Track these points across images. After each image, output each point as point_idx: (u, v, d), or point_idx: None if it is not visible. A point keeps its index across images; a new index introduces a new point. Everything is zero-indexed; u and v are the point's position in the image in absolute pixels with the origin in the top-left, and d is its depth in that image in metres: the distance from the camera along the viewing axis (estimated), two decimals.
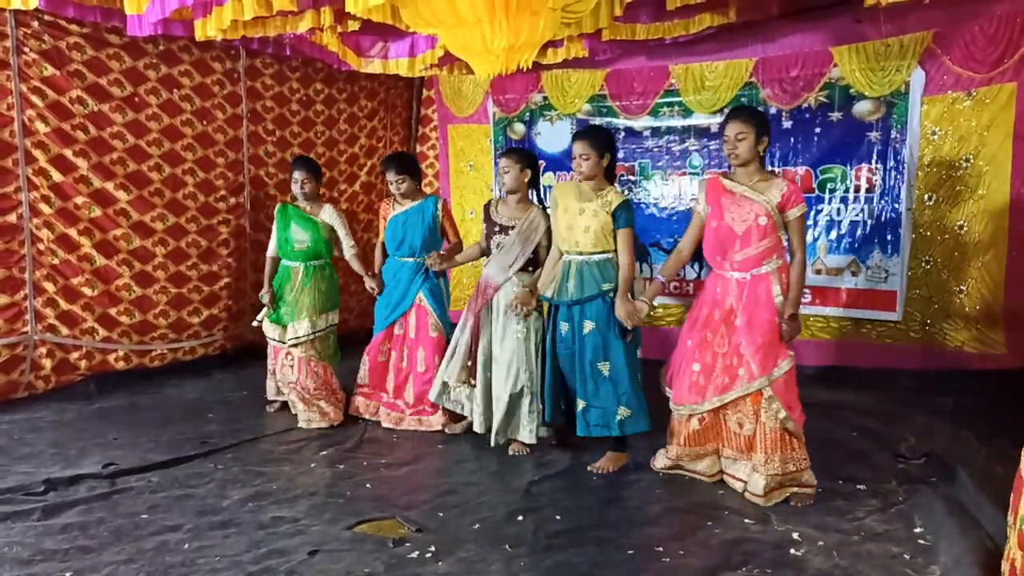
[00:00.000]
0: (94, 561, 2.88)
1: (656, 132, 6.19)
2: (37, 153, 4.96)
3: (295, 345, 4.67)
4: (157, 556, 2.92)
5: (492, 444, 4.10)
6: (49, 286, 5.10)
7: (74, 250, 5.19)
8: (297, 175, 4.69)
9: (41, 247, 5.05)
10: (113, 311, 5.41)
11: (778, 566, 2.81)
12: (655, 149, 6.21)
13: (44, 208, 5.02)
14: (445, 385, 4.32)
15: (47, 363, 5.12)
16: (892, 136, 5.29)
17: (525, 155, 4.16)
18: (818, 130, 5.55)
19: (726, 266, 3.46)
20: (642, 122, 6.23)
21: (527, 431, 4.05)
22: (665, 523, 3.20)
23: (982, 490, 3.25)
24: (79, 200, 5.17)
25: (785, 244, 3.40)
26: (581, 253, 3.79)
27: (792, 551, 2.93)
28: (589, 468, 3.82)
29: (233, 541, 3.05)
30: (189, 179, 5.78)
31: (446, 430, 4.44)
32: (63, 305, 5.17)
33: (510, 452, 4.08)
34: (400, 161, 4.60)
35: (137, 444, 4.24)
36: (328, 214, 4.78)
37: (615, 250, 3.78)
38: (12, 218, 4.91)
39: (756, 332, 3.33)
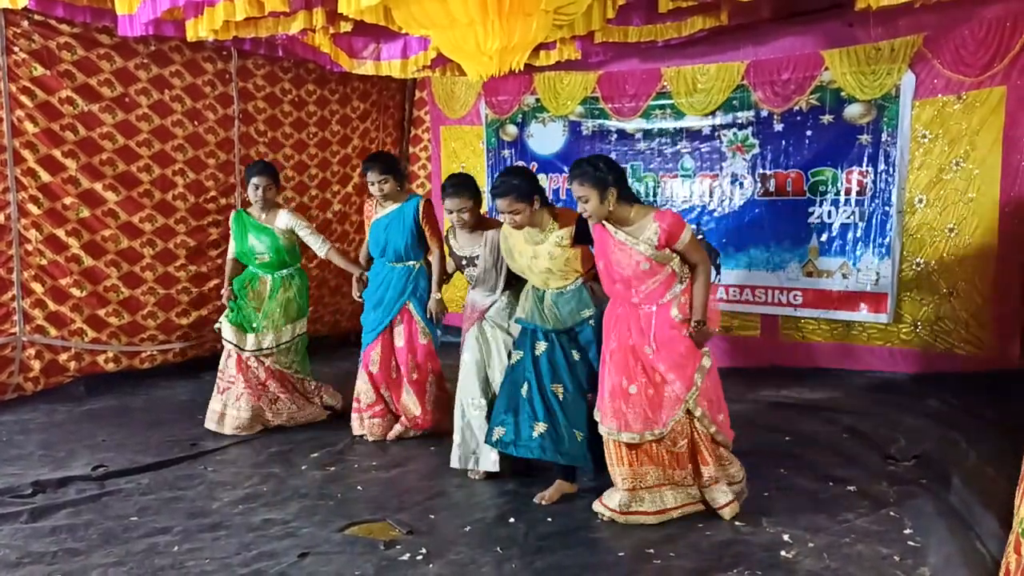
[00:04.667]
0: (83, 564, 2.87)
1: (648, 134, 6.20)
2: (26, 153, 4.93)
3: (261, 356, 4.53)
4: (146, 559, 2.91)
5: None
6: (37, 287, 5.07)
7: (62, 251, 5.16)
8: (257, 180, 4.43)
9: (29, 248, 5.02)
10: (102, 312, 5.39)
11: (768, 568, 2.81)
12: (647, 151, 6.22)
13: (32, 208, 5.00)
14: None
15: (36, 364, 5.09)
16: (883, 139, 5.31)
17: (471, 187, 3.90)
18: (809, 133, 5.57)
19: (632, 297, 3.28)
20: (634, 124, 6.23)
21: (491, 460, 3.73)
22: (656, 525, 3.19)
23: (972, 491, 3.27)
24: (68, 200, 5.15)
25: (678, 270, 3.22)
26: (554, 288, 3.57)
27: (783, 553, 2.93)
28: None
29: (223, 543, 3.04)
30: (179, 180, 5.76)
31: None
32: (51, 306, 5.15)
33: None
34: (382, 160, 4.31)
35: (127, 446, 4.22)
36: (284, 219, 4.52)
37: (584, 272, 3.55)
38: (0, 218, 4.88)
39: (670, 350, 3.20)
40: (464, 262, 3.97)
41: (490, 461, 3.70)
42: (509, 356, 3.73)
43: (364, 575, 2.78)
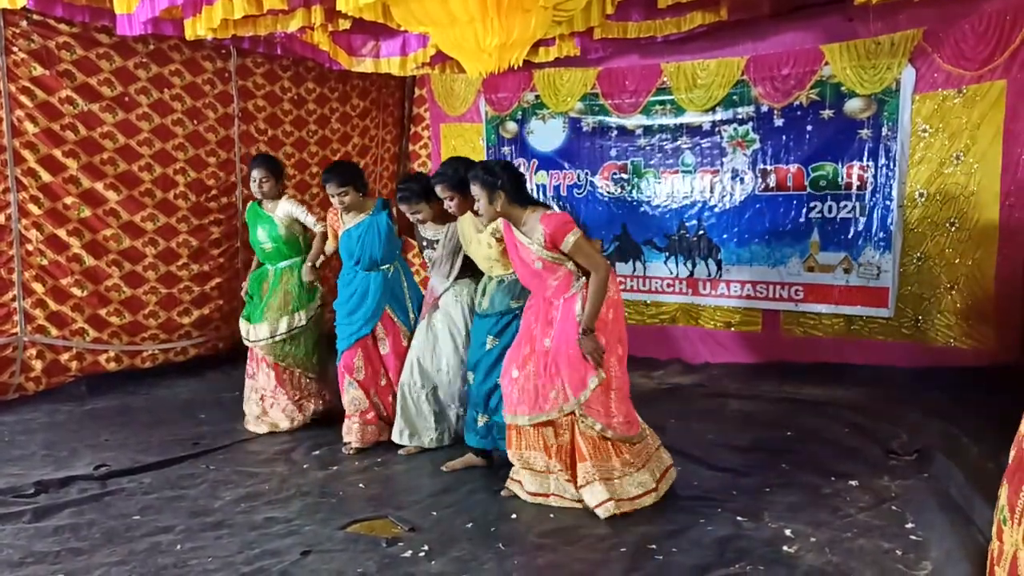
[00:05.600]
0: (86, 563, 2.87)
1: (648, 130, 6.19)
2: (26, 153, 4.93)
3: (259, 346, 4.50)
4: (149, 557, 2.91)
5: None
6: (38, 287, 5.07)
7: (63, 250, 5.16)
8: (255, 174, 4.48)
9: (30, 248, 5.03)
10: (103, 312, 5.39)
11: (771, 563, 2.82)
12: (647, 147, 6.21)
13: (33, 209, 5.00)
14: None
15: (37, 364, 5.10)
16: (883, 133, 5.30)
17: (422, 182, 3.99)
18: (810, 128, 5.56)
19: (545, 291, 3.37)
20: (634, 120, 6.22)
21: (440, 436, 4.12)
22: (658, 521, 3.20)
23: (973, 485, 3.26)
24: (68, 200, 5.15)
25: (574, 270, 3.29)
26: (496, 275, 3.77)
27: (785, 548, 2.94)
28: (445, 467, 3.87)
29: (226, 542, 3.04)
30: (180, 179, 5.76)
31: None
32: (53, 306, 5.15)
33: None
34: (341, 172, 4.23)
35: (129, 445, 4.23)
36: (283, 208, 4.53)
37: None
38: (0, 219, 4.89)
39: (568, 346, 3.23)
40: (425, 243, 4.14)
41: (428, 439, 4.10)
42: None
43: (366, 572, 2.79)
